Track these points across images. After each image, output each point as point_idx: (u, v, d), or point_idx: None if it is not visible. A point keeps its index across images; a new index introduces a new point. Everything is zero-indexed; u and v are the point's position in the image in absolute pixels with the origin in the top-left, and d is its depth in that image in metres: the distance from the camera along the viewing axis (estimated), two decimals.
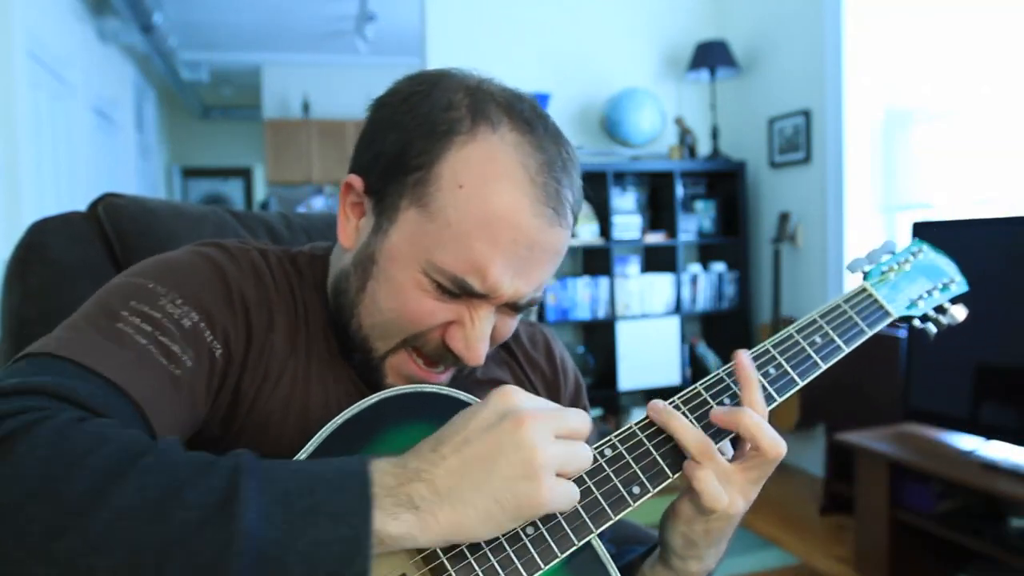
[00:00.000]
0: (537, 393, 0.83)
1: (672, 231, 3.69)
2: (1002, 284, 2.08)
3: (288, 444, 0.64)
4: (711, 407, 0.65)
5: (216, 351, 0.62)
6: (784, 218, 3.52)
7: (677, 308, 3.69)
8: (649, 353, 3.63)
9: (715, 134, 3.80)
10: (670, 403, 0.66)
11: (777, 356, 0.70)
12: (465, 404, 0.63)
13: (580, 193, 0.67)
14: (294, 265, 0.74)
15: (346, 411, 0.60)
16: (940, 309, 0.82)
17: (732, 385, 0.67)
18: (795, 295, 3.55)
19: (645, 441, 0.63)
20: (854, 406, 2.81)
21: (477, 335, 0.64)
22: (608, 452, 0.62)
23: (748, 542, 2.73)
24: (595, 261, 3.68)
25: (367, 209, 0.67)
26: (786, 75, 3.58)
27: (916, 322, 0.81)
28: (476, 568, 0.54)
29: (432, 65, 3.61)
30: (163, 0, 5.19)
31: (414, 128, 0.63)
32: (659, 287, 3.67)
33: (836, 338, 0.72)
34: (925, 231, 2.34)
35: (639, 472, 0.61)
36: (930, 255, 0.84)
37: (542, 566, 0.55)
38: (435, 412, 0.61)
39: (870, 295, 0.77)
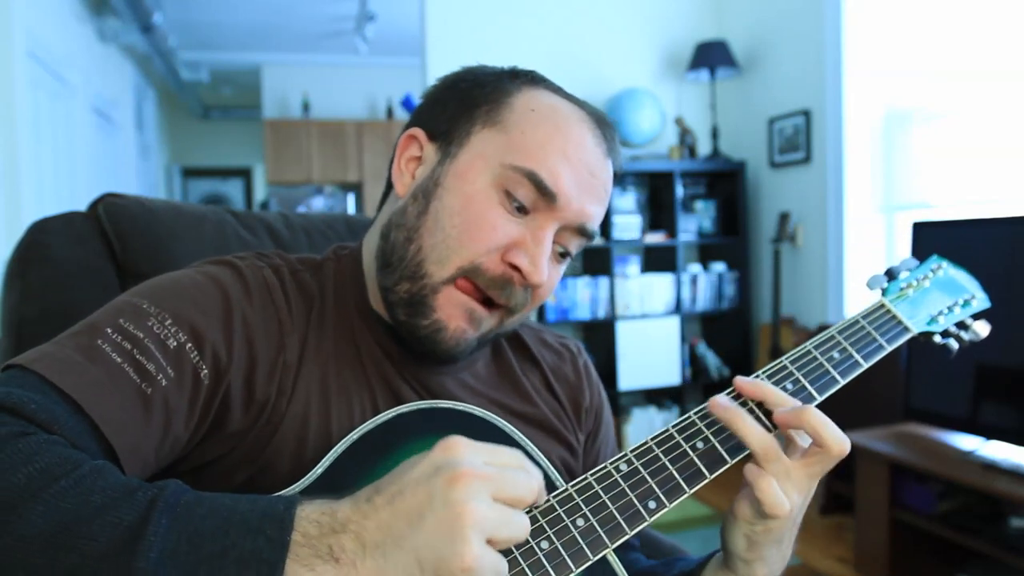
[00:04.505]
0: (559, 402, 0.82)
1: (672, 231, 3.69)
2: (1002, 284, 2.08)
3: (311, 454, 0.64)
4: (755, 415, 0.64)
5: (202, 371, 0.61)
6: (784, 218, 3.52)
7: (677, 308, 3.69)
8: (649, 353, 3.63)
9: (715, 134, 3.80)
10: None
11: (795, 372, 0.69)
12: (481, 420, 0.63)
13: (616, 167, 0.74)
14: (317, 276, 0.73)
15: (362, 426, 0.60)
16: (962, 325, 0.81)
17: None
18: (795, 295, 3.55)
19: (661, 456, 0.62)
20: (854, 406, 2.81)
21: (541, 251, 0.66)
22: (623, 467, 0.61)
23: None
24: (595, 261, 3.68)
25: (428, 155, 0.71)
26: (786, 75, 3.58)
27: (937, 338, 0.80)
28: None
29: (432, 65, 3.63)
30: (163, 0, 5.19)
31: (483, 79, 0.72)
32: (659, 287, 3.67)
33: (854, 353, 0.72)
34: (925, 231, 2.34)
35: (655, 487, 0.60)
36: (950, 271, 0.83)
37: None
38: (452, 427, 0.61)
39: (888, 311, 0.76)
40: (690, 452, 0.62)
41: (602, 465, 0.62)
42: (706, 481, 0.62)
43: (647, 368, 3.63)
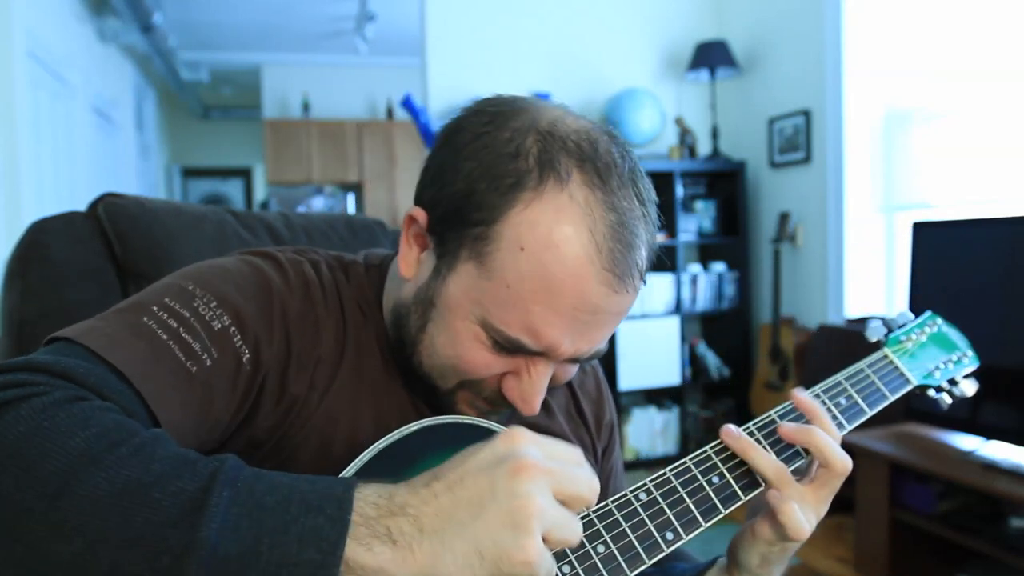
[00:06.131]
0: (582, 414, 0.82)
1: (672, 231, 3.69)
2: (1002, 284, 2.08)
3: (336, 456, 0.64)
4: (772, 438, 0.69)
5: (244, 356, 0.61)
6: (784, 218, 3.52)
7: (677, 308, 3.69)
8: (649, 353, 3.63)
9: (715, 134, 3.80)
10: (714, 447, 0.68)
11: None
12: None
13: (653, 247, 0.65)
14: (346, 276, 0.73)
15: (389, 436, 0.60)
16: (952, 381, 0.86)
17: (762, 441, 0.70)
18: (795, 295, 3.55)
19: (679, 488, 0.64)
20: None
21: (534, 390, 0.64)
22: (643, 496, 0.63)
23: None
24: None
25: (429, 244, 0.66)
26: (786, 75, 3.58)
27: (931, 392, 0.85)
28: None
29: (432, 65, 3.63)
30: (163, 0, 5.19)
31: (478, 177, 0.60)
32: (659, 287, 3.67)
33: (860, 401, 0.76)
34: (925, 231, 2.34)
35: (673, 519, 0.62)
36: (943, 328, 0.88)
37: None
38: (478, 440, 0.61)
39: (891, 362, 0.80)
40: (706, 487, 0.65)
41: (622, 493, 0.63)
42: (721, 516, 0.64)
43: (647, 368, 3.63)
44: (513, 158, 0.60)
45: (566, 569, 0.57)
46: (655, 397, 3.86)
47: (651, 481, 0.64)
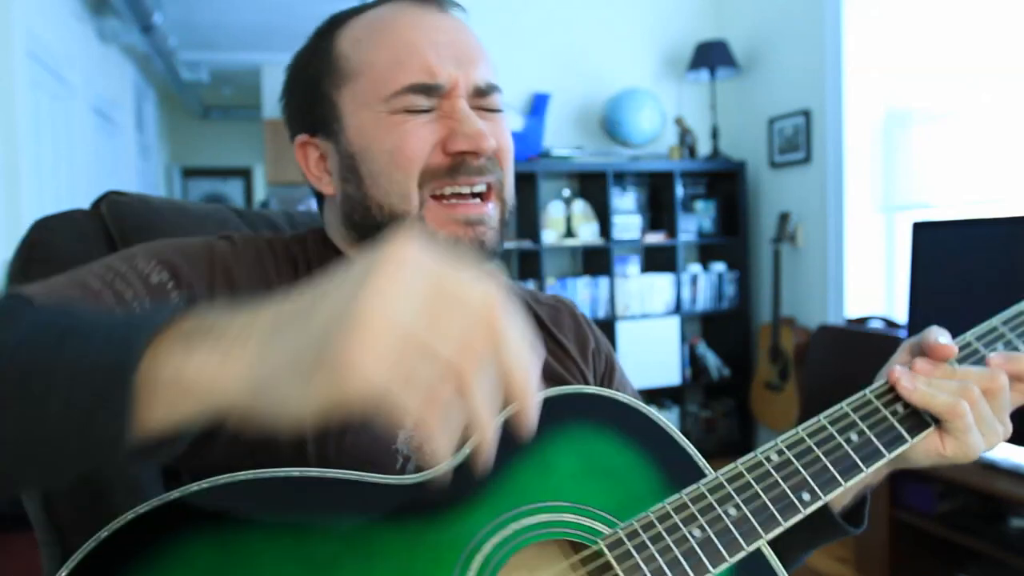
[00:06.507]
0: (562, 346, 0.82)
1: (672, 231, 3.69)
2: (1002, 284, 2.08)
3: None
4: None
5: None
6: (784, 218, 3.52)
7: (677, 308, 3.69)
8: (649, 353, 3.63)
9: (715, 134, 3.81)
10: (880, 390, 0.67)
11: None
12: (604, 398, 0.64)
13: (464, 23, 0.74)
14: (303, 245, 0.75)
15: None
16: None
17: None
18: (795, 295, 3.56)
19: (814, 447, 0.62)
20: None
21: (470, 122, 0.67)
22: (775, 456, 0.62)
23: None
24: (595, 261, 3.68)
25: (326, 148, 0.73)
26: (786, 75, 3.58)
27: None
28: (643, 568, 0.54)
29: None
30: (163, 0, 5.19)
31: (302, 59, 0.75)
32: (659, 287, 3.67)
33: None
34: (925, 231, 2.34)
35: (809, 479, 0.61)
36: None
37: (711, 569, 0.55)
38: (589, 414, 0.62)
39: None
40: (844, 445, 0.63)
41: (752, 454, 0.62)
42: (863, 475, 0.62)
43: (647, 368, 3.63)
44: (313, 42, 0.76)
45: (696, 532, 0.56)
46: (655, 397, 3.86)
47: (782, 441, 0.63)
